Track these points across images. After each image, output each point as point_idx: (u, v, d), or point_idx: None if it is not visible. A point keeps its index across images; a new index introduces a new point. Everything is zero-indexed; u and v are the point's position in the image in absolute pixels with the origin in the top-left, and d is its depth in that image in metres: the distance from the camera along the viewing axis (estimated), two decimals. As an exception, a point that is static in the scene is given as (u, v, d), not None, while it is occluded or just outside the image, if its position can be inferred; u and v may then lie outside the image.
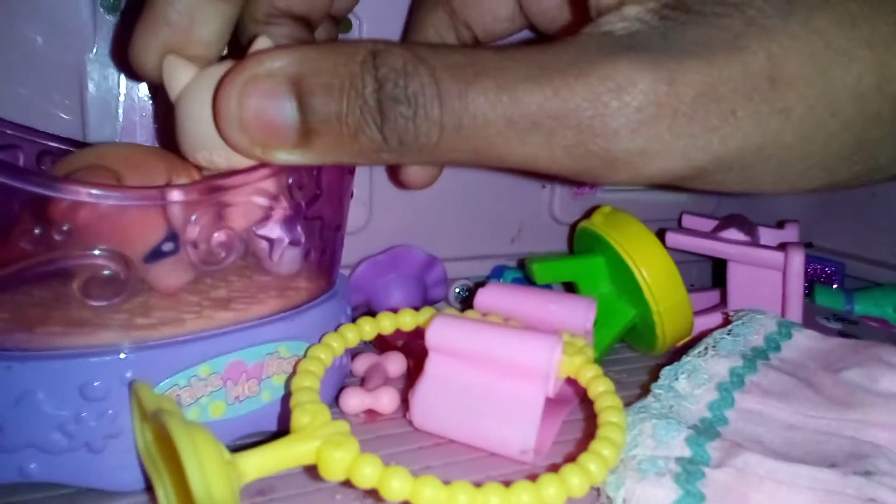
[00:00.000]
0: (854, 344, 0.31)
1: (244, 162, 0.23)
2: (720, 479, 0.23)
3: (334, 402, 0.31)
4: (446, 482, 0.22)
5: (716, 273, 0.51)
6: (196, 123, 0.23)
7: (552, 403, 0.29)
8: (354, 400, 0.31)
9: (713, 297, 0.44)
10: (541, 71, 0.20)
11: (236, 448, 0.21)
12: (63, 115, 0.33)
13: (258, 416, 0.27)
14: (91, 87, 0.33)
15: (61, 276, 0.22)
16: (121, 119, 0.33)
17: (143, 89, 0.34)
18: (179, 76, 0.23)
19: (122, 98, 0.33)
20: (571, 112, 0.19)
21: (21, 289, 0.23)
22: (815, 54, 0.19)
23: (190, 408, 0.25)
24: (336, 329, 0.30)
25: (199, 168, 0.25)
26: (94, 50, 0.32)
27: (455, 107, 0.20)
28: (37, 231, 0.21)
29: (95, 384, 0.22)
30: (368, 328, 0.31)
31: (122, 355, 0.23)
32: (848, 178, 0.22)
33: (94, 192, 0.21)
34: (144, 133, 0.34)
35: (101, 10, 0.32)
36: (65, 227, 0.21)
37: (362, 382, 0.33)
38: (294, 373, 0.27)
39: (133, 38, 0.24)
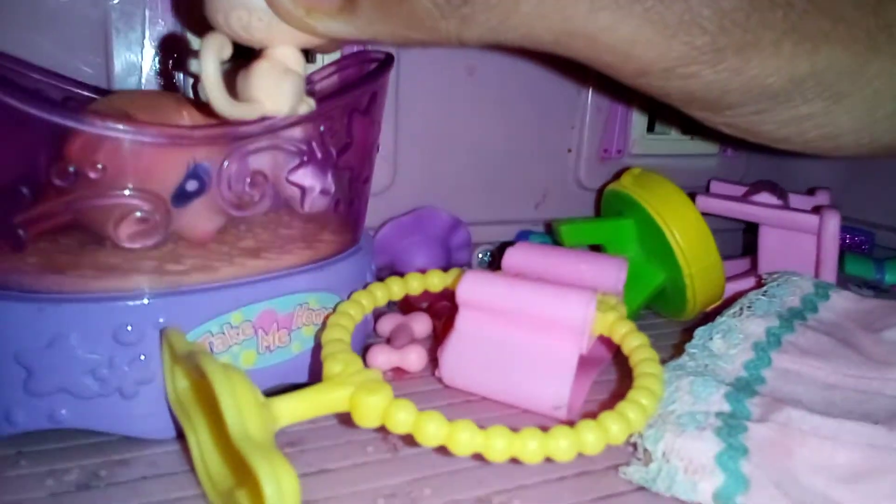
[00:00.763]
0: (893, 304, 0.30)
1: (285, 33, 0.20)
2: (763, 433, 0.23)
3: (361, 359, 0.30)
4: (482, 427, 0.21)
5: (745, 243, 0.50)
6: None
7: (584, 362, 0.28)
8: (381, 357, 0.30)
9: (743, 264, 0.43)
10: None
11: (269, 395, 0.21)
12: (89, 71, 0.32)
13: (288, 366, 0.26)
14: (115, 40, 0.32)
15: (92, 218, 0.22)
16: (145, 72, 0.32)
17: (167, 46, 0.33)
18: None
19: (146, 51, 0.33)
20: None
21: (50, 234, 0.22)
22: None
23: (222, 356, 0.25)
24: (364, 287, 0.29)
25: (212, 113, 0.25)
26: (115, 1, 0.32)
27: None
28: (71, 169, 0.21)
29: (128, 328, 0.22)
30: (396, 288, 0.31)
31: (155, 300, 0.23)
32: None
33: (129, 128, 0.21)
34: (169, 86, 0.33)
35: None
36: (99, 165, 0.21)
37: (388, 342, 0.32)
38: (324, 326, 0.26)
39: None
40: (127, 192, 0.22)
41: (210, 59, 0.18)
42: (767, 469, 0.21)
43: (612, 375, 0.31)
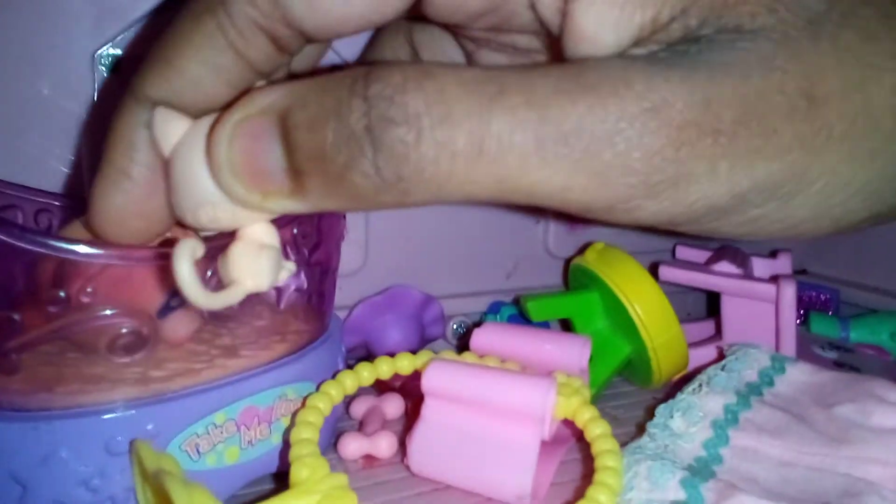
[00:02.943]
0: (847, 378, 0.31)
1: (249, 217, 0.21)
2: (714, 522, 0.23)
3: (332, 446, 0.31)
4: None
5: (711, 301, 0.52)
6: (195, 177, 0.20)
7: (549, 445, 0.29)
8: (353, 445, 0.31)
9: (708, 327, 0.45)
10: (573, 86, 0.17)
11: (239, 503, 0.22)
12: (65, 170, 0.34)
13: (270, 457, 0.27)
14: (92, 142, 0.33)
15: (81, 337, 0.23)
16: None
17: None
18: (172, 129, 0.20)
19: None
20: (608, 133, 0.17)
21: (33, 351, 0.23)
22: (848, 71, 0.18)
23: (207, 455, 0.25)
24: (334, 376, 0.30)
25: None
26: (95, 106, 0.33)
27: (474, 127, 0.17)
28: (62, 294, 0.22)
29: (118, 438, 0.23)
30: (367, 374, 0.31)
31: (143, 408, 0.24)
32: (893, 204, 0.20)
33: (115, 252, 0.22)
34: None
35: (101, 68, 0.33)
36: (89, 289, 0.22)
37: (360, 426, 0.33)
38: (293, 424, 0.27)
39: (92, 203, 0.22)
40: (115, 312, 0.23)
41: (184, 264, 0.19)
42: (718, 561, 0.22)
43: (578, 455, 0.32)
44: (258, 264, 0.20)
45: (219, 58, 0.20)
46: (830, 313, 0.48)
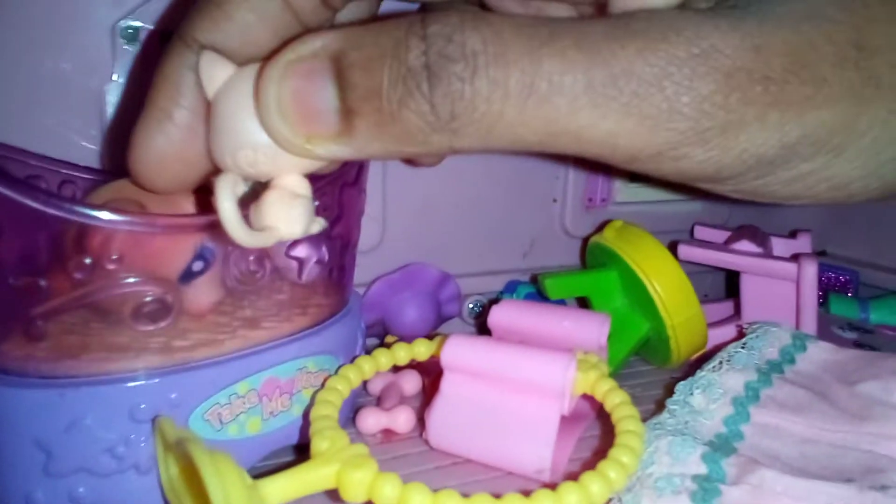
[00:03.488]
0: (870, 356, 0.31)
1: (290, 163, 0.20)
2: (736, 496, 0.23)
3: (351, 422, 0.31)
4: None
5: (729, 283, 0.51)
6: (237, 120, 0.20)
7: (568, 421, 0.29)
8: (371, 420, 0.31)
9: (727, 307, 0.44)
10: (623, 32, 0.17)
11: (259, 473, 0.22)
12: (85, 144, 0.34)
13: (291, 429, 0.28)
14: (112, 115, 0.33)
15: (106, 304, 0.23)
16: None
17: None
18: (218, 72, 0.20)
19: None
20: (657, 77, 0.17)
21: (58, 320, 0.24)
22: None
23: (230, 425, 0.26)
24: (353, 360, 0.30)
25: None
26: (114, 78, 0.33)
27: (526, 67, 0.17)
28: (88, 261, 0.22)
29: (142, 406, 0.23)
30: (384, 359, 0.31)
31: (166, 377, 0.24)
32: None
33: (145, 220, 0.23)
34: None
35: (121, 39, 0.33)
36: (114, 256, 0.22)
37: (378, 402, 0.33)
38: (312, 403, 0.27)
39: (133, 144, 0.22)
40: (140, 279, 0.23)
41: (225, 198, 0.19)
42: (741, 534, 0.22)
43: (596, 432, 0.32)
44: (292, 212, 0.20)
45: (268, 4, 0.21)
46: (850, 295, 0.48)
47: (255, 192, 0.20)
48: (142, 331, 0.24)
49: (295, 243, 0.27)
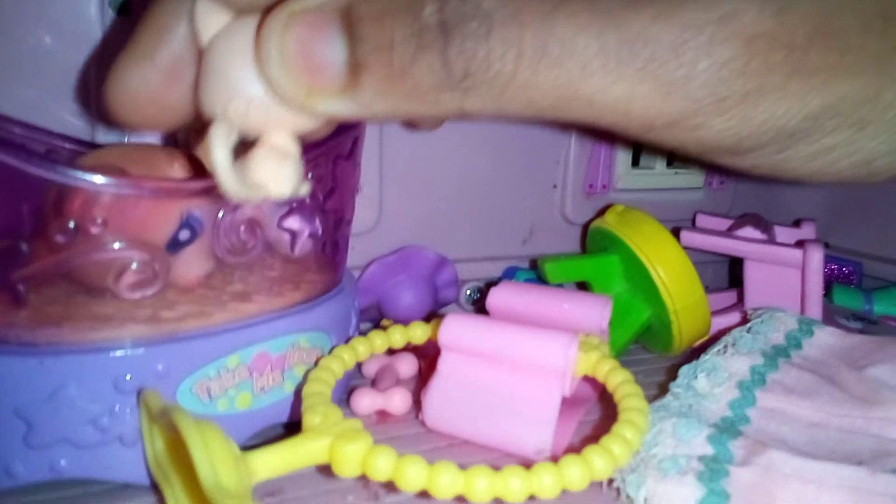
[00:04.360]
0: (878, 340, 0.30)
1: (282, 119, 0.19)
2: (745, 477, 0.22)
3: (344, 403, 0.30)
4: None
5: (732, 274, 0.50)
6: (231, 70, 0.19)
7: (568, 403, 0.28)
8: (366, 400, 0.30)
9: (730, 297, 0.43)
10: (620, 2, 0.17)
11: (250, 447, 0.21)
12: (73, 120, 0.33)
13: (282, 406, 0.27)
14: (97, 83, 0.32)
15: (89, 272, 0.22)
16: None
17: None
18: (215, 19, 0.19)
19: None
20: (673, 42, 0.17)
21: (42, 286, 0.23)
22: None
23: (219, 399, 0.25)
24: (347, 341, 0.29)
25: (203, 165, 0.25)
26: (103, 50, 0.32)
27: (539, 28, 0.17)
28: (71, 225, 0.21)
29: (127, 377, 0.22)
30: (379, 341, 0.31)
31: (153, 347, 0.23)
32: None
33: (130, 183, 0.22)
34: (153, 134, 0.33)
35: (109, 9, 0.32)
36: (99, 220, 0.21)
37: (373, 384, 0.32)
38: (304, 381, 0.26)
39: (109, 79, 0.21)
40: (126, 245, 0.22)
41: (219, 146, 0.18)
42: (749, 515, 0.21)
43: (597, 415, 0.31)
44: (282, 170, 0.19)
45: None
46: (853, 286, 0.47)
47: (242, 147, 0.20)
48: (127, 300, 0.23)
49: (287, 214, 0.26)
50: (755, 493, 0.22)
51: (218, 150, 0.18)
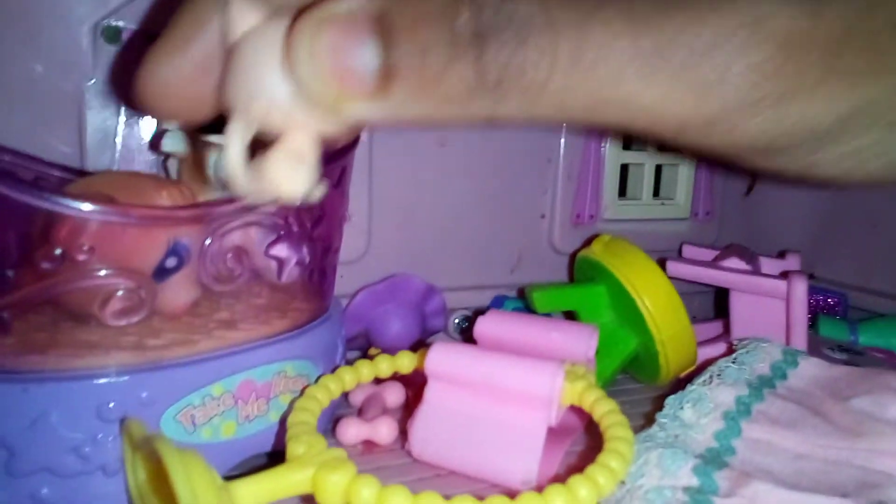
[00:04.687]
0: (862, 372, 0.31)
1: (303, 121, 0.19)
2: (730, 508, 0.22)
3: (330, 432, 0.30)
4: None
5: (717, 305, 0.51)
6: (258, 69, 0.19)
7: (555, 433, 0.28)
8: (352, 430, 0.30)
9: (716, 328, 0.44)
10: (671, 1, 0.17)
11: (232, 477, 0.21)
12: (62, 148, 0.33)
13: (267, 435, 0.27)
14: (90, 116, 0.33)
15: (75, 298, 0.22)
16: (119, 148, 0.33)
17: (142, 122, 0.34)
18: (247, 16, 0.19)
19: (120, 127, 0.33)
20: (706, 46, 0.17)
21: (27, 313, 0.23)
22: None
23: (203, 427, 0.25)
24: (334, 370, 0.29)
25: (184, 187, 0.25)
26: (94, 80, 0.32)
27: (573, 36, 0.17)
28: (58, 252, 0.21)
29: (111, 405, 0.22)
30: (366, 371, 0.30)
31: (137, 375, 0.23)
32: None
33: (118, 211, 0.22)
34: (142, 162, 0.33)
35: (102, 39, 0.32)
36: (86, 247, 0.21)
37: (360, 413, 0.32)
38: (290, 409, 0.26)
39: (141, 69, 0.21)
40: (112, 272, 0.22)
41: (235, 141, 0.19)
42: (734, 547, 0.21)
43: (583, 446, 0.31)
44: (297, 172, 0.19)
45: None
46: (839, 317, 0.47)
47: (257, 146, 0.20)
48: (113, 327, 0.23)
49: (275, 242, 0.26)
50: (740, 524, 0.22)
51: (233, 146, 0.19)
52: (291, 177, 0.19)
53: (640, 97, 0.18)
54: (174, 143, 0.28)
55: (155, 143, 0.29)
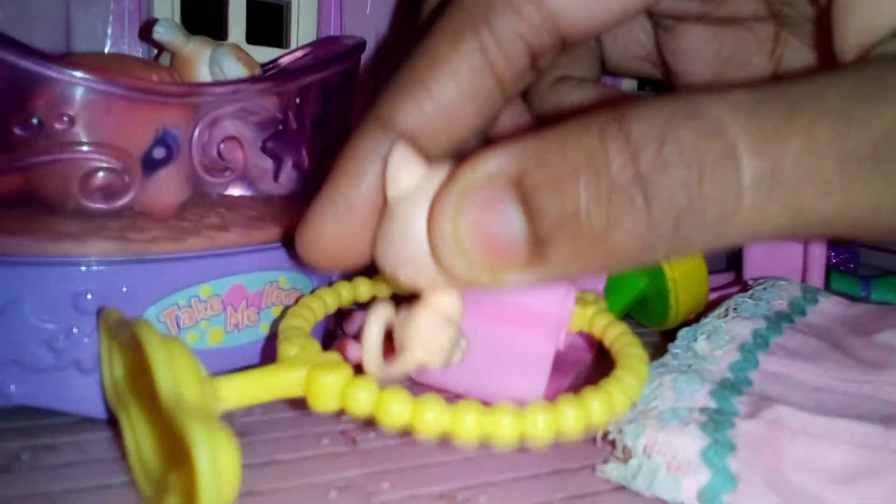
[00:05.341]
0: (884, 308, 0.29)
1: (447, 286, 0.19)
2: (751, 429, 0.21)
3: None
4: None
5: (729, 256, 0.49)
6: (409, 236, 0.18)
7: (561, 363, 0.27)
8: (349, 351, 0.28)
9: (727, 277, 0.42)
10: (873, 88, 0.15)
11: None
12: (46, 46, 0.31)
13: (256, 347, 0.25)
14: (75, 9, 0.31)
15: (53, 179, 0.21)
16: (106, 49, 0.31)
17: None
18: (406, 173, 0.18)
19: (109, 29, 0.31)
20: None
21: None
22: None
23: (188, 331, 0.23)
24: (329, 283, 0.28)
25: (176, 73, 0.24)
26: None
27: (764, 156, 0.14)
28: (35, 120, 0.19)
29: (88, 296, 0.20)
30: (364, 289, 0.29)
31: (118, 266, 0.21)
32: None
33: (101, 79, 0.20)
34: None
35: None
36: (65, 117, 0.19)
37: (356, 338, 0.30)
38: (282, 315, 0.24)
39: (305, 222, 0.20)
40: (93, 148, 0.20)
41: (375, 325, 0.19)
42: (756, 467, 0.20)
43: (592, 378, 0.29)
44: (438, 338, 0.19)
45: (476, 80, 0.18)
46: (851, 273, 0.46)
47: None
48: (92, 210, 0.21)
49: (271, 138, 0.24)
50: (762, 446, 0.21)
51: (372, 326, 0.19)
52: (433, 341, 0.19)
53: (848, 210, 0.15)
54: (167, 32, 0.25)
55: (145, 32, 0.28)
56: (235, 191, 0.26)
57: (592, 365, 0.30)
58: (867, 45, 0.17)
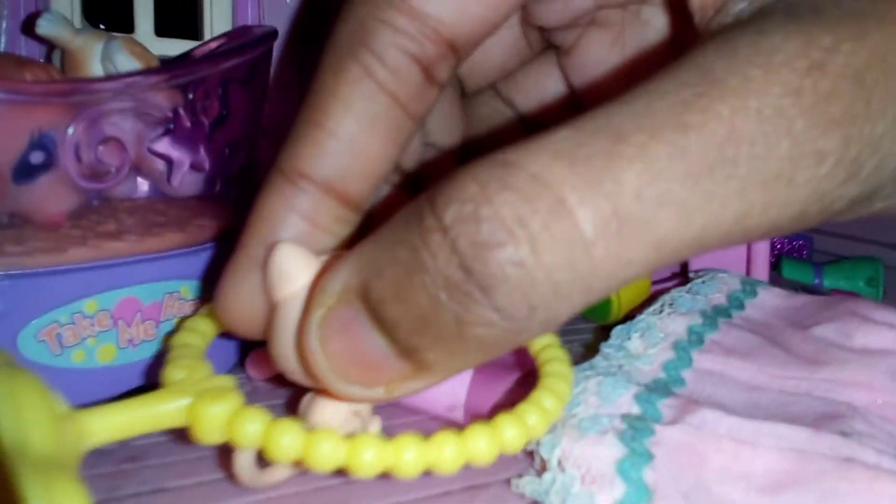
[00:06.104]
0: (825, 300, 0.28)
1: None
2: (673, 436, 0.20)
3: (239, 366, 0.27)
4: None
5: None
6: (289, 352, 0.18)
7: (498, 367, 0.25)
8: (265, 362, 0.27)
9: (671, 267, 0.41)
10: (706, 88, 0.13)
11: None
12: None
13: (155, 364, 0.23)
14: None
15: None
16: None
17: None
18: (291, 278, 0.17)
19: (4, 24, 0.29)
20: (765, 132, 0.13)
21: None
22: None
23: (73, 349, 0.21)
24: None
25: (53, 70, 0.22)
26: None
27: (601, 200, 0.13)
28: None
29: None
30: None
31: None
32: None
33: None
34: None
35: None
36: None
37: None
38: (176, 329, 0.23)
39: (219, 288, 0.19)
40: None
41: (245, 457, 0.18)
42: (675, 478, 0.19)
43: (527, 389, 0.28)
44: (341, 423, 0.19)
45: (371, 106, 0.17)
46: (803, 259, 0.45)
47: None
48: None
49: (160, 137, 0.22)
50: (683, 454, 0.19)
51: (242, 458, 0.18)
52: (332, 423, 0.18)
53: (716, 225, 0.14)
54: (51, 26, 0.24)
55: (28, 26, 0.26)
56: (142, 194, 0.25)
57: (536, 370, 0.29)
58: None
